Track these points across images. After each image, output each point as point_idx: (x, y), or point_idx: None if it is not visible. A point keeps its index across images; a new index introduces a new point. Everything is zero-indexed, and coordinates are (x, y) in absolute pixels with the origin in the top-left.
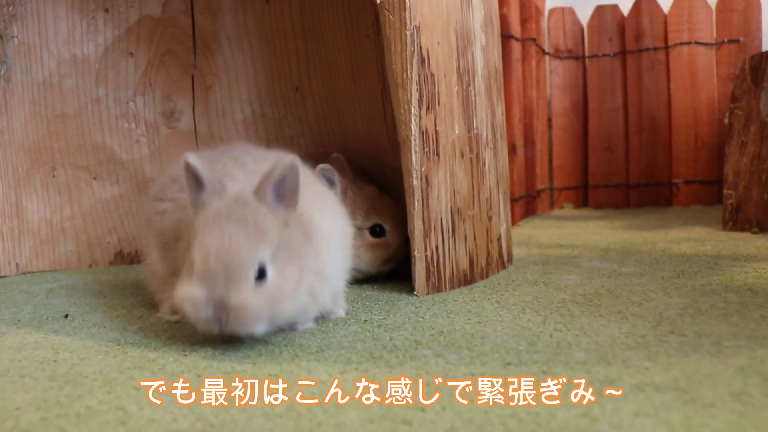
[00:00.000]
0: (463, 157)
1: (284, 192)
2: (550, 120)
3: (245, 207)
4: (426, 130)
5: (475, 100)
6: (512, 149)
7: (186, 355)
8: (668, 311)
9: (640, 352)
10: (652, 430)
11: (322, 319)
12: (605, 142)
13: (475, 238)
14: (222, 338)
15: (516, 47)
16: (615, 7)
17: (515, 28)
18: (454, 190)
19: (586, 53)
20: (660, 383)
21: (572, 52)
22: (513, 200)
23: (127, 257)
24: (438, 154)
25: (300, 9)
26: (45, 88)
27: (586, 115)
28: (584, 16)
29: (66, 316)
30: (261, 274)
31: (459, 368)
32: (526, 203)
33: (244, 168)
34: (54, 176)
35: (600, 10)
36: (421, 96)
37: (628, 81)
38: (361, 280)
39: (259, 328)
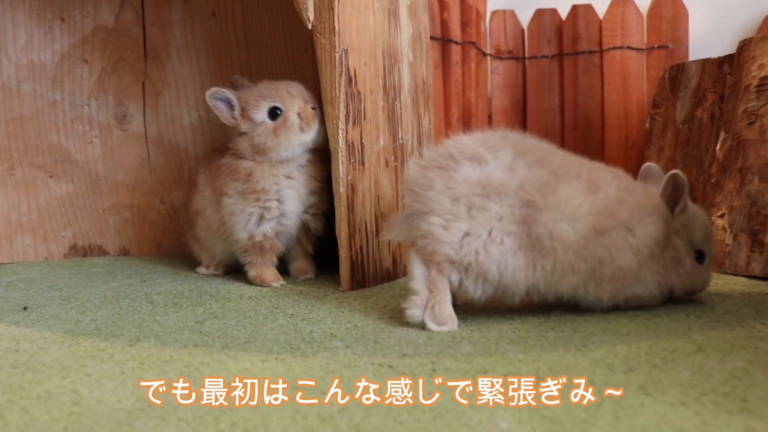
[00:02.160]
0: (387, 166)
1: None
2: (490, 117)
3: None
4: (352, 142)
5: (401, 113)
6: None
7: (131, 345)
8: (555, 309)
9: (519, 345)
10: (503, 411)
11: None
12: (543, 139)
13: None
14: None
15: (456, 50)
16: (554, 11)
17: (455, 33)
18: (378, 196)
19: (526, 54)
20: (524, 373)
21: (513, 53)
22: None
23: (81, 250)
24: (363, 164)
25: (243, 23)
26: (4, 91)
27: (525, 113)
28: (525, 18)
29: (25, 308)
30: None
31: (362, 358)
32: None
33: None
34: (12, 174)
35: (539, 13)
36: (348, 112)
37: (565, 82)
38: None
39: None
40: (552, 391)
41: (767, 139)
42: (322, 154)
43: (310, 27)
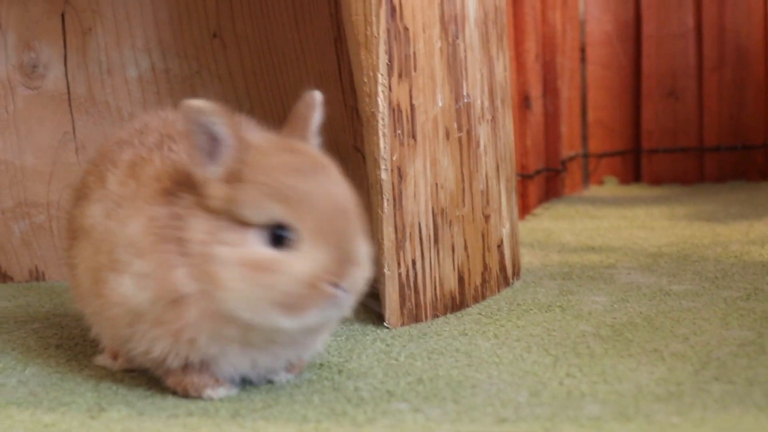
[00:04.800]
0: (448, 138)
1: None
2: (583, 52)
3: None
4: (398, 104)
5: (466, 58)
6: (524, 102)
7: (93, 417)
8: (720, 349)
9: (670, 404)
10: None
11: None
12: (668, 84)
13: (466, 248)
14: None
15: None
16: None
17: None
18: (436, 184)
19: None
20: None
21: None
22: (526, 177)
23: None
24: (414, 137)
25: None
26: None
27: (639, 43)
28: None
29: None
30: None
31: (443, 426)
32: (547, 180)
33: None
34: None
35: None
36: (391, 59)
37: None
38: None
39: None
40: None
41: None
42: None
43: None
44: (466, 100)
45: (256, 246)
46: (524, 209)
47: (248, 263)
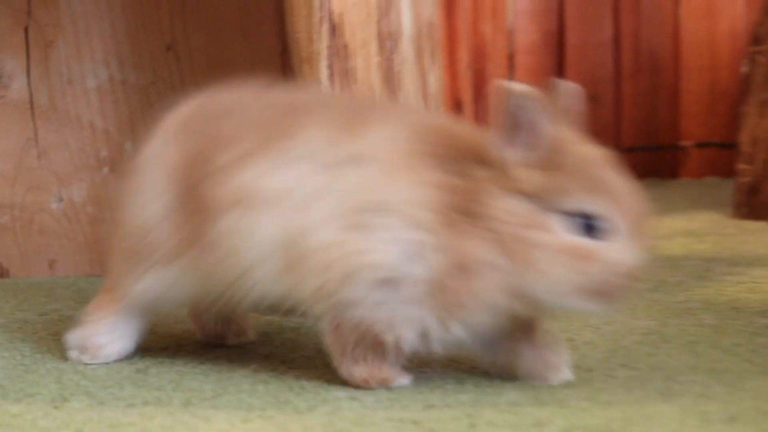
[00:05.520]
0: None
1: None
2: (512, 60)
3: None
4: None
5: (401, 71)
6: (457, 106)
7: (57, 407)
8: (627, 338)
9: (581, 390)
10: None
11: None
12: (588, 88)
13: None
14: None
15: None
16: None
17: None
18: None
19: None
20: (592, 426)
21: None
22: None
23: None
24: None
25: None
26: None
27: (563, 52)
28: None
29: None
30: None
31: (376, 413)
32: None
33: None
34: None
35: None
36: (331, 73)
37: (621, 4)
38: None
39: None
40: None
41: None
42: None
43: None
44: None
45: (570, 233)
46: None
47: (566, 250)
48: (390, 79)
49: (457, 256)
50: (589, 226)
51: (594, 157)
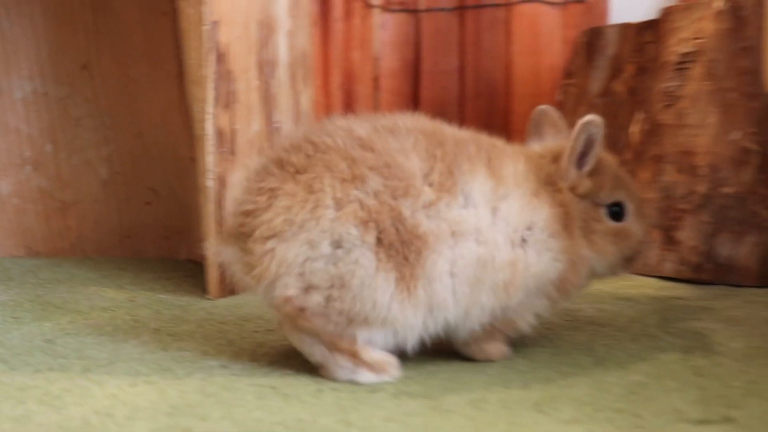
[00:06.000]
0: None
1: None
2: (377, 82)
3: None
4: (222, 129)
5: (277, 93)
6: None
7: None
8: None
9: (410, 362)
10: None
11: None
12: (439, 110)
13: None
14: None
15: (337, 4)
16: None
17: None
18: None
19: (421, 6)
20: (415, 392)
21: (405, 5)
22: None
23: None
24: (234, 153)
25: None
26: None
27: (418, 77)
28: None
29: None
30: None
31: (241, 379)
32: None
33: None
34: None
35: None
36: (217, 94)
37: (466, 40)
38: None
39: None
40: (446, 409)
41: (685, 124)
42: None
43: None
44: (276, 125)
45: (608, 219)
46: None
47: (612, 232)
48: (268, 99)
49: (571, 255)
50: (616, 212)
51: (613, 161)
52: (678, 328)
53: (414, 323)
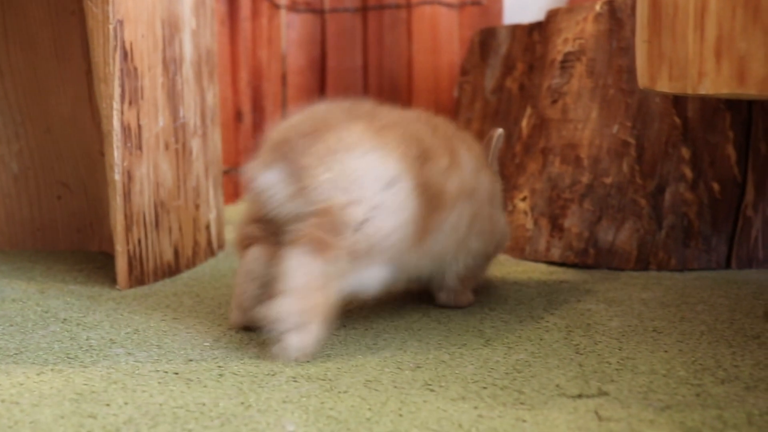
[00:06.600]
0: (168, 149)
1: None
2: (284, 79)
3: None
4: (128, 124)
5: (183, 89)
6: (238, 117)
7: None
8: (352, 304)
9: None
10: (291, 413)
11: None
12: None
13: (180, 229)
14: None
15: (245, 5)
16: None
17: None
18: (157, 183)
19: (326, 7)
20: (313, 374)
21: (310, 5)
22: (236, 172)
23: None
24: (141, 148)
25: None
26: None
27: (324, 74)
28: None
29: None
30: None
31: (146, 365)
32: None
33: None
34: None
35: None
36: (123, 91)
37: (369, 39)
38: None
39: None
40: (341, 390)
41: (569, 119)
42: None
43: None
44: (182, 121)
45: None
46: (236, 197)
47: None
48: (173, 96)
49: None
50: None
51: None
52: (562, 310)
53: (417, 264)
